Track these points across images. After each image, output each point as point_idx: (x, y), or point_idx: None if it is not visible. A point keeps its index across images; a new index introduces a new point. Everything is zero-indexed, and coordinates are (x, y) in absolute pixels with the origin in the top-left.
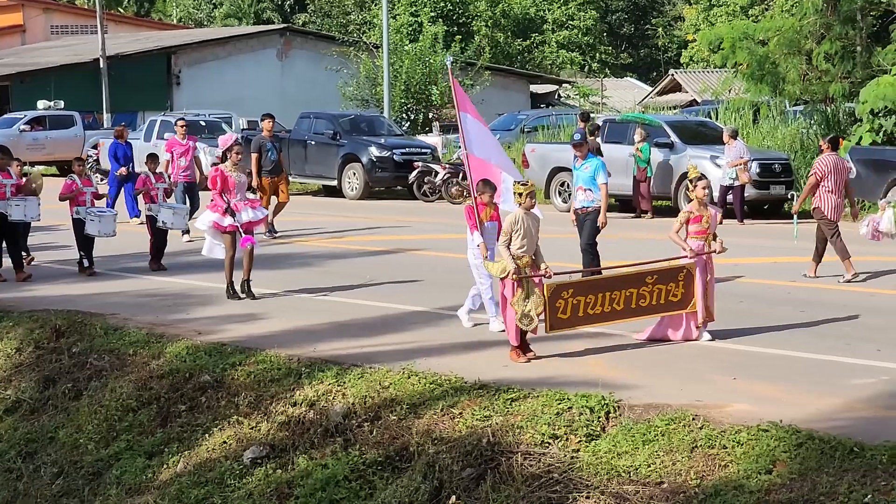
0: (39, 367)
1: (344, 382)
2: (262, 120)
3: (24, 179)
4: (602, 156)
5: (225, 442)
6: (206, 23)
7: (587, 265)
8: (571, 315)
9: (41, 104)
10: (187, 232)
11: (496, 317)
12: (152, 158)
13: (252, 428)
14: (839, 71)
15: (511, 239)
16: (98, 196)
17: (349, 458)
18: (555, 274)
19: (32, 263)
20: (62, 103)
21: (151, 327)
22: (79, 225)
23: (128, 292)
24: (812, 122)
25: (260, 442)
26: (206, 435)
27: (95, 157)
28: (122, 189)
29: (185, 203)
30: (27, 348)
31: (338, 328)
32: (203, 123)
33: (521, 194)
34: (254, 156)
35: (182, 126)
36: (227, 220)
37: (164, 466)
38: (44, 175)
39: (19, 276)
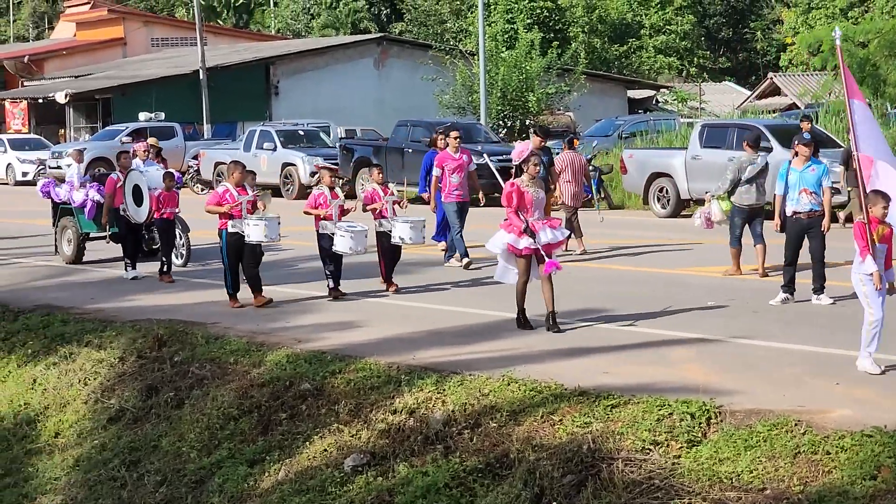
0: (142, 377)
1: (443, 390)
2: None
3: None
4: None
5: (325, 450)
6: (303, 33)
7: (821, 274)
8: None
9: (142, 116)
10: (465, 255)
11: (871, 355)
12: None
13: (352, 436)
14: None
15: None
16: (344, 211)
17: (450, 466)
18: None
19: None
20: (163, 115)
21: (251, 336)
22: (324, 241)
23: (227, 301)
24: None
25: (360, 450)
26: (307, 443)
27: (196, 168)
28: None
29: (459, 225)
30: (130, 357)
31: (435, 336)
32: (301, 133)
33: None
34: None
35: (456, 137)
36: (524, 242)
37: (266, 474)
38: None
39: (258, 299)
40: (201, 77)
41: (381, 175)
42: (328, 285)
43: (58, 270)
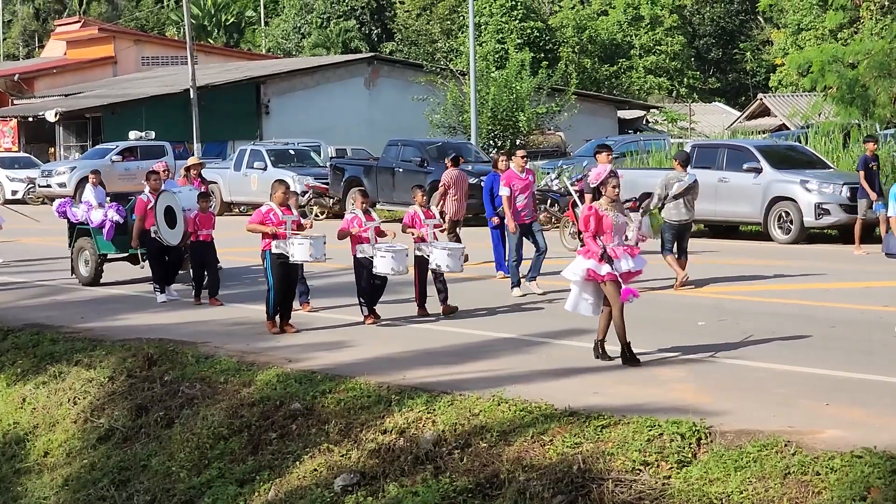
0: (132, 396)
1: (434, 410)
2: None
3: (302, 217)
4: None
5: (315, 469)
6: (294, 53)
7: None
8: None
9: (133, 135)
10: (518, 284)
11: None
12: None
13: (342, 455)
14: None
15: None
16: (381, 233)
17: (440, 486)
18: None
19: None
20: (153, 133)
21: (242, 355)
22: (361, 266)
23: (218, 321)
24: None
25: (350, 469)
26: (297, 462)
27: None
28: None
29: (519, 247)
30: (120, 377)
31: (426, 355)
32: (292, 152)
33: None
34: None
35: (522, 157)
36: (605, 268)
37: (256, 494)
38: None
39: (288, 328)
40: (192, 96)
41: (423, 197)
42: (363, 312)
43: (47, 289)
